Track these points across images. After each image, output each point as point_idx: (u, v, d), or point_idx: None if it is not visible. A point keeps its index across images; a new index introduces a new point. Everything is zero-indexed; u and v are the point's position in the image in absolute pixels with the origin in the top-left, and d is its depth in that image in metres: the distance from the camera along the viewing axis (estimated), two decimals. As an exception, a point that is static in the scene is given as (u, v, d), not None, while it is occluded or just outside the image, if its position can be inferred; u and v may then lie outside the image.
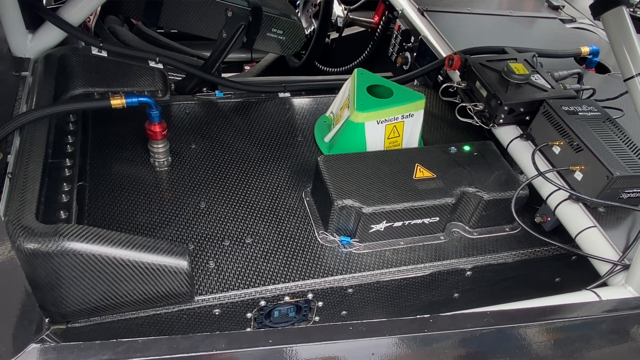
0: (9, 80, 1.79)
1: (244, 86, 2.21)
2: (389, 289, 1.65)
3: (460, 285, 1.74)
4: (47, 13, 1.90)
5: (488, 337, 1.07)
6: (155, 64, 2.02)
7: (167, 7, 2.21)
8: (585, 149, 1.64)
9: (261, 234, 1.67)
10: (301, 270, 1.58)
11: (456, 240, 1.75)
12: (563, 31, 2.81)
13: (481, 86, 1.94)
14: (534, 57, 2.08)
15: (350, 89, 1.97)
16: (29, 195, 1.36)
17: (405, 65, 2.61)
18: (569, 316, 1.17)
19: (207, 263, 1.56)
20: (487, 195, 1.69)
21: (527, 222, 1.78)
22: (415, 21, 2.57)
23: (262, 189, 1.82)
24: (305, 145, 2.04)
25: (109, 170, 1.78)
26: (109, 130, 1.92)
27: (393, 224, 1.65)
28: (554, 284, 1.87)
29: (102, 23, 2.57)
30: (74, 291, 1.27)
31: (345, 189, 1.62)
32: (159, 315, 1.45)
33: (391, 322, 1.04)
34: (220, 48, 2.18)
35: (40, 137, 1.56)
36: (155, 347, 0.91)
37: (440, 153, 1.82)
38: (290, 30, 2.35)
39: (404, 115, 1.92)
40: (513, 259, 1.73)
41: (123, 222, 1.62)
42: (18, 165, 1.45)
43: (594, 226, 1.60)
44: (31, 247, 1.19)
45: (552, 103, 1.80)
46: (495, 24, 2.71)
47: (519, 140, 1.89)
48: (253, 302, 1.52)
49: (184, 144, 1.94)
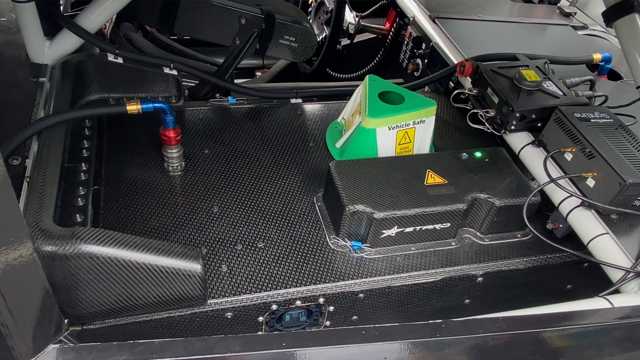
0: (27, 86, 1.82)
1: (256, 92, 2.24)
2: (400, 294, 1.66)
3: (471, 292, 1.74)
4: (65, 20, 1.94)
5: (500, 343, 1.07)
6: (169, 70, 2.05)
7: (182, 15, 2.25)
8: (597, 155, 1.64)
9: (273, 238, 1.68)
10: (312, 274, 1.59)
11: (467, 246, 1.75)
12: (575, 38, 2.81)
13: (493, 93, 1.95)
14: (546, 64, 2.08)
15: (361, 95, 1.99)
16: (46, 198, 1.38)
17: (417, 71, 2.62)
18: (582, 323, 1.17)
19: (220, 267, 1.57)
20: (499, 201, 1.70)
21: (539, 228, 1.78)
22: (427, 28, 2.58)
23: (274, 194, 1.83)
24: (316, 150, 2.05)
25: (123, 174, 1.80)
26: (124, 136, 1.95)
27: (404, 230, 1.66)
28: (565, 291, 1.86)
29: (118, 30, 2.61)
30: (89, 293, 1.29)
31: (357, 194, 1.63)
32: (172, 318, 1.46)
33: (403, 327, 1.04)
34: (233, 55, 2.20)
35: (58, 142, 1.58)
36: (172, 349, 0.92)
37: (452, 159, 1.83)
38: (303, 37, 2.37)
39: (415, 121, 1.93)
40: (525, 265, 1.73)
41: (137, 225, 1.65)
42: (36, 170, 1.47)
43: (607, 233, 1.59)
44: (49, 250, 1.22)
45: (564, 110, 1.80)
46: (506, 31, 2.72)
47: (531, 146, 1.89)
48: (265, 306, 1.53)
49: (198, 149, 1.96)
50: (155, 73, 2.02)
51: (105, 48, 2.00)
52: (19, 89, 1.80)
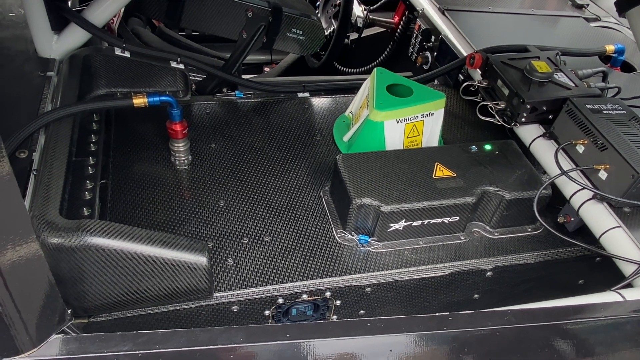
0: (35, 80, 1.83)
1: (263, 86, 2.23)
2: (407, 289, 1.64)
3: (480, 286, 1.72)
4: (72, 14, 1.94)
5: (509, 335, 1.05)
6: (176, 64, 2.05)
7: (189, 8, 2.24)
8: (610, 147, 1.61)
9: (279, 232, 1.67)
10: (319, 268, 1.58)
11: (476, 240, 1.73)
12: (587, 30, 2.76)
13: (503, 85, 1.92)
14: (557, 56, 2.05)
15: (369, 88, 1.97)
16: (53, 191, 1.39)
17: (426, 64, 2.60)
18: (593, 316, 1.15)
19: (226, 260, 1.57)
20: (509, 194, 1.67)
21: (550, 222, 1.75)
22: (436, 20, 2.55)
23: (281, 188, 1.82)
24: (324, 144, 2.04)
25: (130, 168, 1.81)
26: (131, 130, 1.95)
27: (412, 223, 1.64)
28: (577, 286, 1.83)
29: (125, 24, 2.61)
30: (95, 286, 1.29)
31: (364, 188, 1.61)
32: (178, 311, 1.46)
33: (410, 319, 1.03)
34: (240, 48, 2.20)
35: (65, 136, 1.59)
36: (175, 340, 0.92)
37: (461, 152, 1.80)
38: (310, 30, 2.35)
39: (424, 114, 1.91)
40: (535, 259, 1.70)
41: (144, 219, 1.65)
42: (43, 163, 1.48)
43: (619, 226, 1.56)
44: (55, 242, 1.22)
45: (575, 101, 1.77)
46: (517, 23, 2.68)
47: (542, 139, 1.86)
48: (271, 300, 1.52)
49: (204, 143, 1.96)
50: (162, 67, 2.02)
51: (112, 42, 2.01)
52: (26, 83, 1.80)
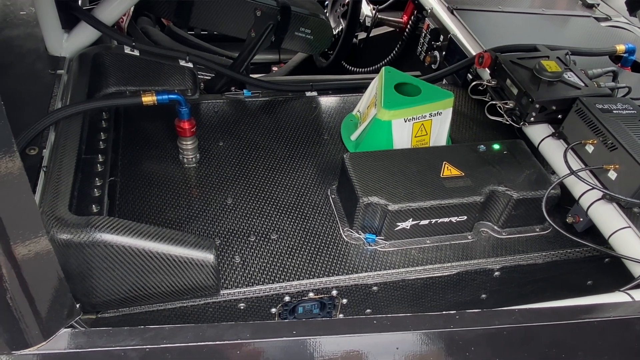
0: (45, 78, 1.85)
1: (271, 85, 2.23)
2: (414, 288, 1.63)
3: (488, 286, 1.71)
4: (83, 13, 1.96)
5: (516, 335, 1.04)
6: (185, 63, 2.06)
7: (198, 8, 2.25)
8: (620, 147, 1.59)
9: (286, 230, 1.67)
10: (326, 266, 1.58)
11: (484, 239, 1.72)
12: (598, 30, 2.73)
13: (512, 84, 1.91)
14: (567, 55, 2.03)
15: (377, 86, 1.96)
16: (62, 188, 1.40)
17: (434, 64, 2.59)
18: (601, 316, 1.14)
19: (233, 258, 1.57)
20: (517, 194, 1.66)
21: (559, 222, 1.74)
22: (445, 20, 2.54)
23: (288, 186, 1.82)
24: (331, 143, 2.04)
25: (139, 166, 1.82)
26: (140, 128, 1.96)
27: (419, 222, 1.63)
28: (585, 287, 1.82)
29: (135, 23, 2.63)
30: (104, 282, 1.30)
31: (371, 186, 1.61)
32: (186, 307, 1.47)
33: (416, 317, 1.03)
34: (249, 47, 2.20)
35: (74, 133, 1.60)
36: (182, 335, 0.92)
37: (469, 151, 1.80)
38: (319, 29, 2.36)
39: (432, 113, 1.90)
40: (543, 260, 1.69)
41: (152, 216, 1.66)
42: (53, 160, 1.49)
43: (629, 227, 1.54)
44: (64, 238, 1.23)
45: (585, 101, 1.75)
46: (527, 23, 2.66)
47: (551, 139, 1.84)
48: (277, 298, 1.52)
49: (213, 142, 1.97)
50: (171, 66, 2.04)
51: (122, 40, 2.02)
52: (37, 81, 1.83)
